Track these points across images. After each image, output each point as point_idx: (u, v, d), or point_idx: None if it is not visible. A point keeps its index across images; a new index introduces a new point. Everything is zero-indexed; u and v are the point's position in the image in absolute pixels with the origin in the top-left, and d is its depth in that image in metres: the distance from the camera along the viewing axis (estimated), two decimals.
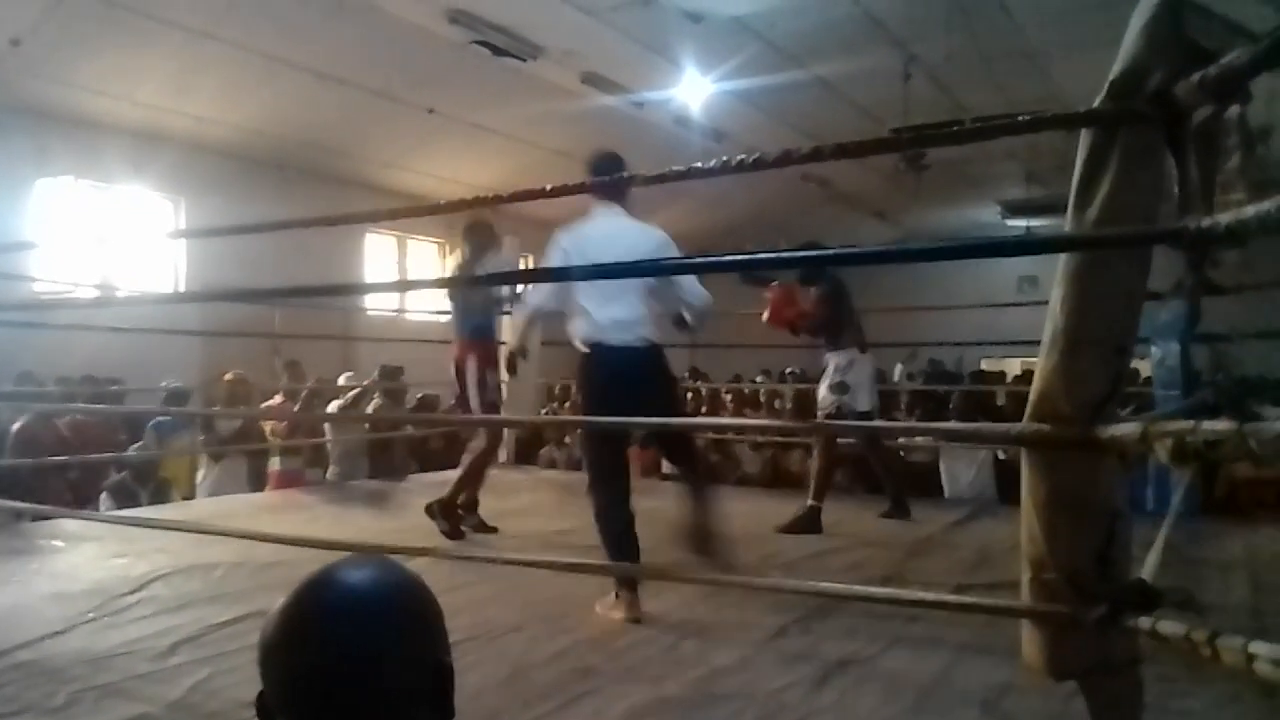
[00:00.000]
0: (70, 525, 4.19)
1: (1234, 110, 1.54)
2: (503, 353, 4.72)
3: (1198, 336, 3.91)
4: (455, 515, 4.48)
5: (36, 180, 8.05)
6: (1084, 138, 1.55)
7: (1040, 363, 1.53)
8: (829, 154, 1.86)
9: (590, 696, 2.33)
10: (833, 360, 4.82)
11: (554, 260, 3.28)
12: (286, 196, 9.02)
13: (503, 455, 7.20)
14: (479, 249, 4.83)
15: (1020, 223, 13.30)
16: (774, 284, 4.82)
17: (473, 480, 4.64)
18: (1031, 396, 1.54)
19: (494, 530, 4.63)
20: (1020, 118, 1.75)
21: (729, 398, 8.49)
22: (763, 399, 8.44)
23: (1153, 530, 2.64)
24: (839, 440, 4.98)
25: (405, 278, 11.96)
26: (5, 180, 7.72)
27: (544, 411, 8.37)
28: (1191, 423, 1.29)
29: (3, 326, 5.03)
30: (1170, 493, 4.65)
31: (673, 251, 3.39)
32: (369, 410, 6.56)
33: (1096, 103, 1.54)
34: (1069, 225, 1.52)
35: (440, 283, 6.67)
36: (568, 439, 8.05)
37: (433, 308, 10.51)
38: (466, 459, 4.77)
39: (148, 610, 3.04)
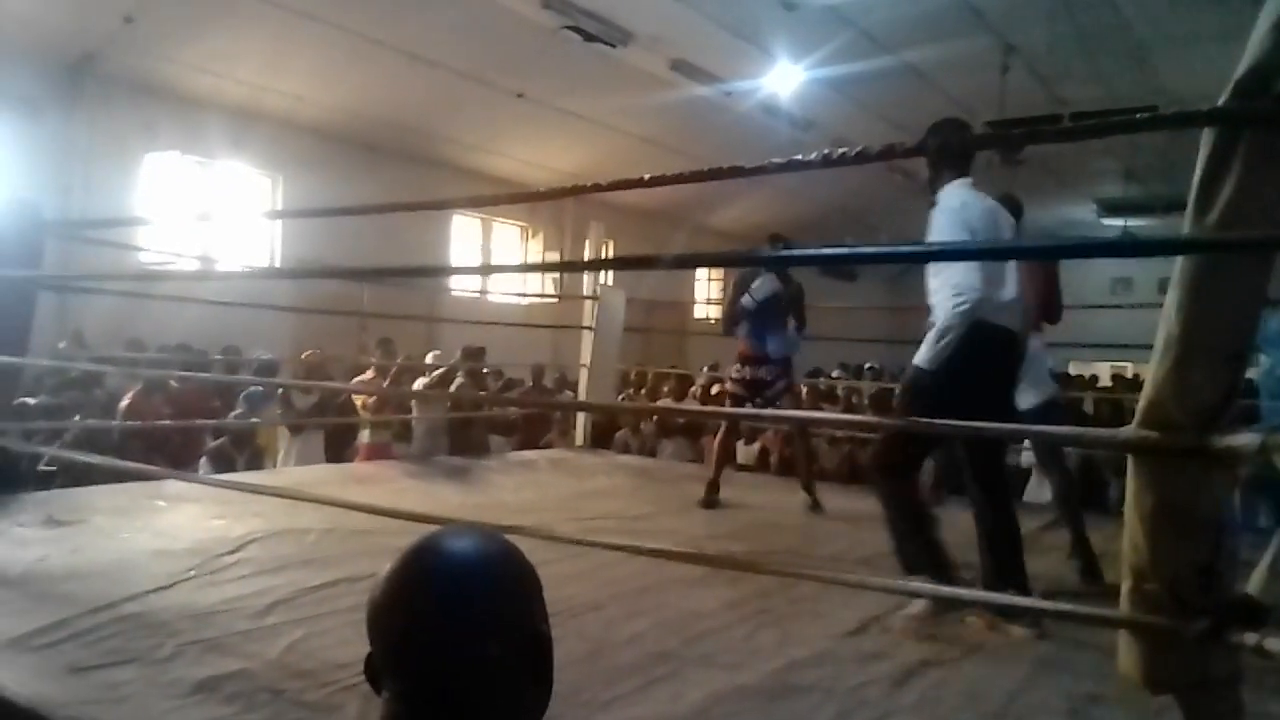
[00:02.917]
0: (172, 486, 4.37)
1: None
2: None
3: None
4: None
5: (145, 155, 8.39)
6: (1206, 138, 1.50)
7: (1151, 369, 1.49)
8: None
9: (669, 680, 2.36)
10: None
11: (958, 233, 2.92)
12: (377, 175, 9.25)
13: (579, 438, 7.28)
14: None
15: (1117, 222, 12.90)
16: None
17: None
18: (1141, 403, 1.50)
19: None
20: (1137, 115, 1.70)
21: (804, 391, 8.43)
22: (840, 394, 8.37)
23: (1246, 547, 2.56)
24: None
25: (489, 259, 12.14)
26: (117, 155, 8.07)
27: (621, 398, 8.42)
28: None
29: (115, 296, 5.27)
30: (1257, 508, 4.49)
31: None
32: (452, 389, 6.70)
33: (1221, 101, 1.49)
34: (1188, 228, 1.48)
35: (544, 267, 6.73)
36: (643, 425, 8.10)
37: (513, 290, 10.70)
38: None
39: (245, 570, 3.16)
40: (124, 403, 5.61)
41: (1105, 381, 10.65)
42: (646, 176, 2.21)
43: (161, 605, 2.75)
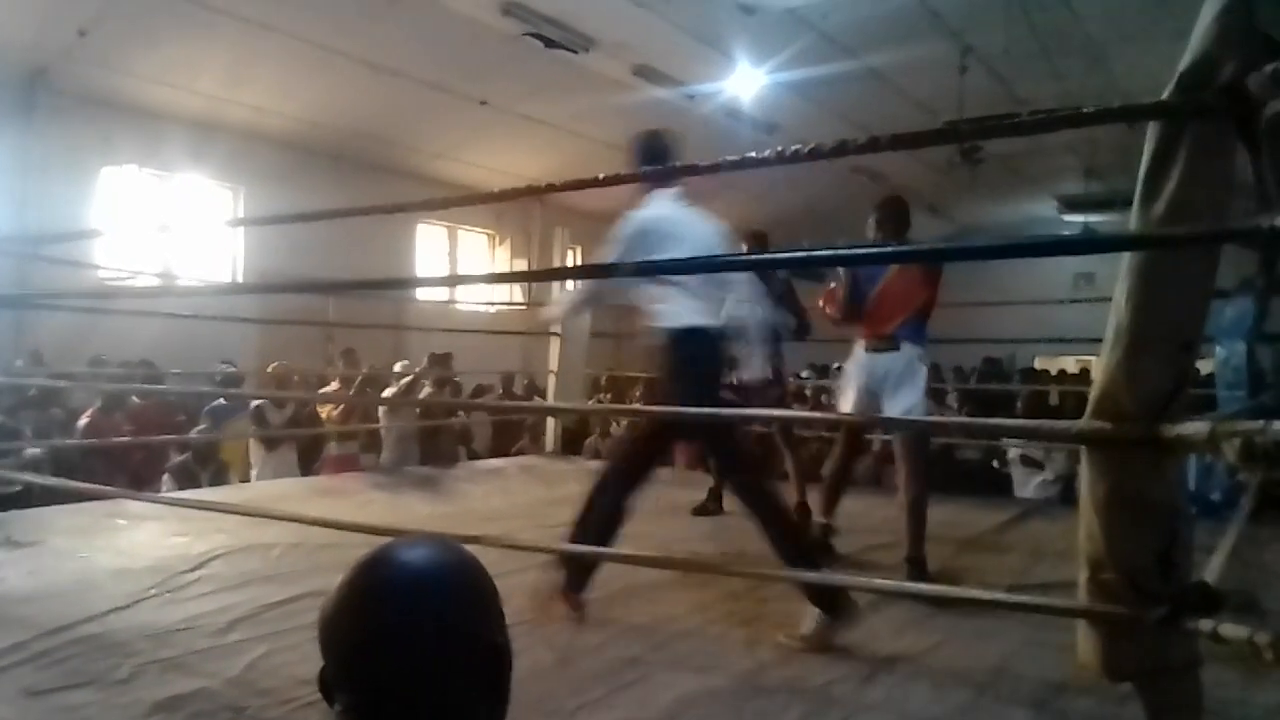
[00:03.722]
0: (132, 505, 4.30)
1: None
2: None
3: (1265, 336, 3.81)
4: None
5: (101, 169, 8.26)
6: (1151, 131, 1.52)
7: (1103, 360, 1.50)
8: (885, 145, 1.84)
9: (637, 685, 2.35)
10: None
11: (645, 239, 3.03)
12: (341, 186, 9.16)
13: (549, 445, 7.26)
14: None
15: (1078, 218, 13.05)
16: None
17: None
18: (1093, 394, 1.51)
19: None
20: (1085, 110, 1.72)
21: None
22: (808, 394, 8.40)
23: (1202, 531, 2.60)
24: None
25: (455, 268, 12.08)
26: (72, 169, 7.94)
27: (591, 403, 8.40)
28: (1261, 423, 1.26)
29: (72, 312, 5.19)
30: (1208, 493, 4.56)
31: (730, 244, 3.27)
32: (421, 397, 6.65)
33: (1165, 95, 1.51)
34: (1134, 220, 1.49)
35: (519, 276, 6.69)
36: (613, 429, 8.08)
37: (481, 298, 10.62)
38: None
39: (207, 588, 3.12)
40: (83, 421, 5.52)
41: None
42: (601, 175, 2.20)
43: (120, 625, 2.71)
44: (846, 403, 3.78)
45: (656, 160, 3.15)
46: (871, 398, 3.66)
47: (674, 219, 3.07)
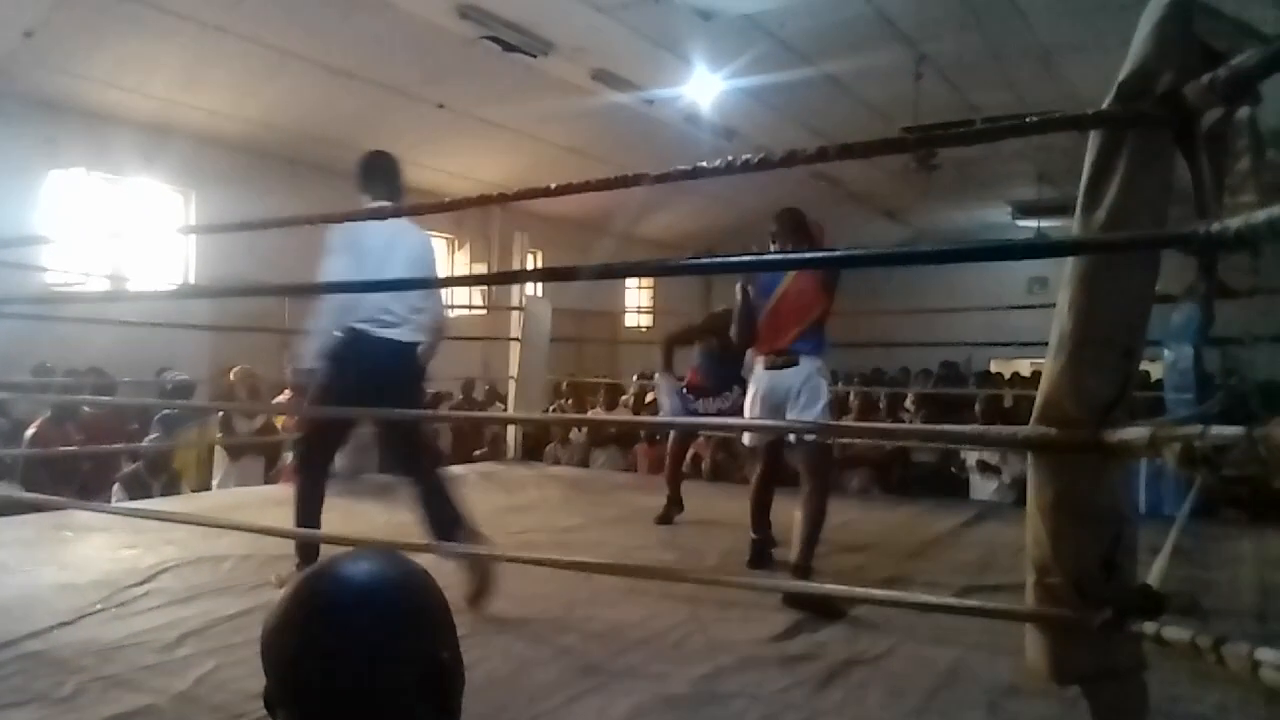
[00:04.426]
0: (80, 516, 4.20)
1: (1244, 112, 1.53)
2: None
3: (1211, 340, 3.90)
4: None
5: (48, 172, 8.08)
6: (1092, 139, 1.54)
7: (1047, 366, 1.52)
8: (834, 154, 1.85)
9: (594, 694, 2.33)
10: None
11: (351, 257, 3.24)
12: (297, 190, 9.05)
13: (510, 451, 7.22)
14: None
15: (1031, 223, 13.26)
16: None
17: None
18: (1038, 400, 1.53)
19: None
20: (1029, 119, 1.74)
21: None
22: None
23: (1153, 534, 2.64)
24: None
25: None
26: (17, 172, 7.75)
27: (553, 408, 8.38)
28: (1200, 428, 1.29)
29: (16, 319, 5.06)
30: (1162, 495, 4.65)
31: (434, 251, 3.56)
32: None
33: (1105, 104, 1.53)
34: (1076, 227, 1.51)
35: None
36: (573, 436, 8.06)
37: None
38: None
39: (156, 602, 3.05)
40: (30, 431, 5.39)
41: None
42: (553, 185, 2.19)
43: (65, 641, 2.64)
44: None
45: (378, 177, 3.46)
46: (776, 415, 3.61)
47: (382, 227, 3.28)
